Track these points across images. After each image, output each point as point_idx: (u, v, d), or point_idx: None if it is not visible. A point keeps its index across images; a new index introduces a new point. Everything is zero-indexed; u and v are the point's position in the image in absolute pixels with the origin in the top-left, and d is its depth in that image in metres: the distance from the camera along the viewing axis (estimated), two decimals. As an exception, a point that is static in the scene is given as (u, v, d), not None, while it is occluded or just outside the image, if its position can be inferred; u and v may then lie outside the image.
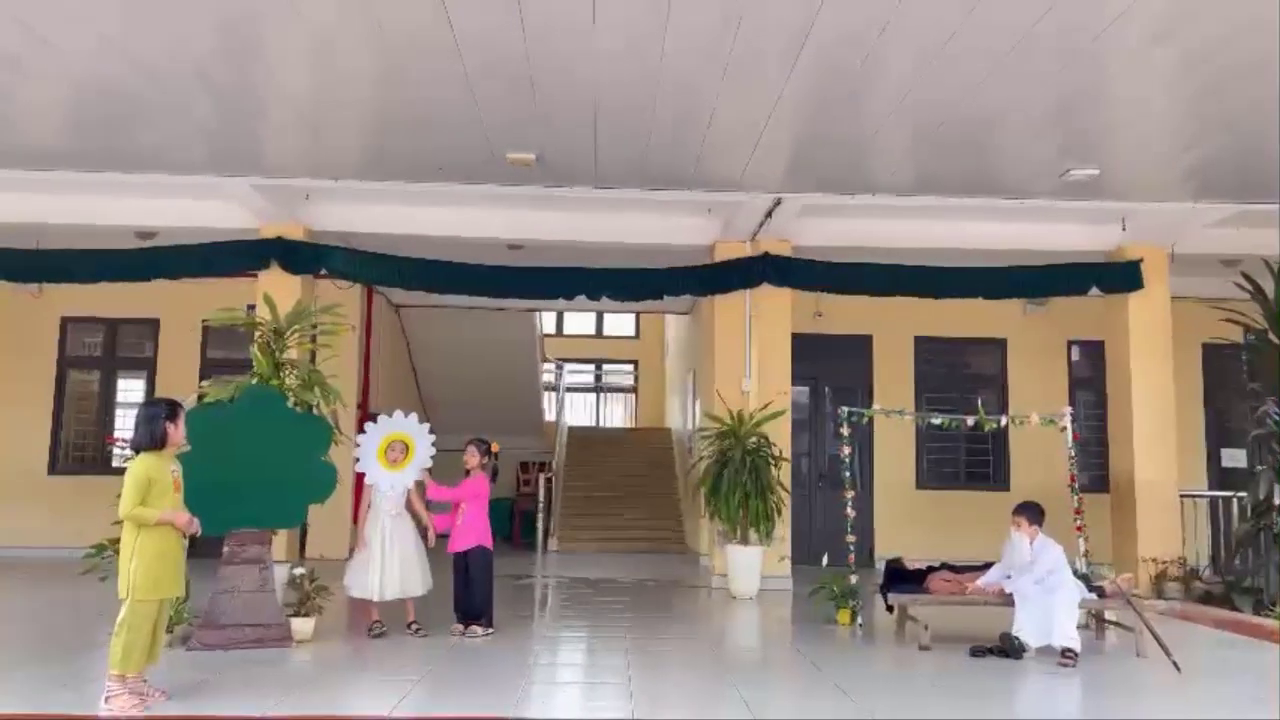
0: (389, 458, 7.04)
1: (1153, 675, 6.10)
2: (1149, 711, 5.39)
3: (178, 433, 5.02)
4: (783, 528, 9.70)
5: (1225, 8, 5.79)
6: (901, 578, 7.39)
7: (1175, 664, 6.08)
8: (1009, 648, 6.44)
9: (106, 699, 4.71)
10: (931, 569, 7.37)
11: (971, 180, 9.02)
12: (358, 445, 7.11)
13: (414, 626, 6.87)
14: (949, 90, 7.01)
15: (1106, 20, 5.94)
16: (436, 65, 6.72)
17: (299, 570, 6.95)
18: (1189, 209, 9.51)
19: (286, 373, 7.04)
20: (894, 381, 12.70)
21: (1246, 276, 9.39)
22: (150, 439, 4.94)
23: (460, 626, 6.94)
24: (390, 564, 6.83)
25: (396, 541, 6.89)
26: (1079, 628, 6.49)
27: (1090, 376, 12.73)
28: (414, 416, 7.30)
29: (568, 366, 19.84)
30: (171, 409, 5.04)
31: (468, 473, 7.26)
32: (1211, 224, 9.79)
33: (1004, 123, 7.64)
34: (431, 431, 7.33)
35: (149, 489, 4.82)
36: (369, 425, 7.22)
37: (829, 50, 6.40)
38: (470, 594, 6.99)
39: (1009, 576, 6.83)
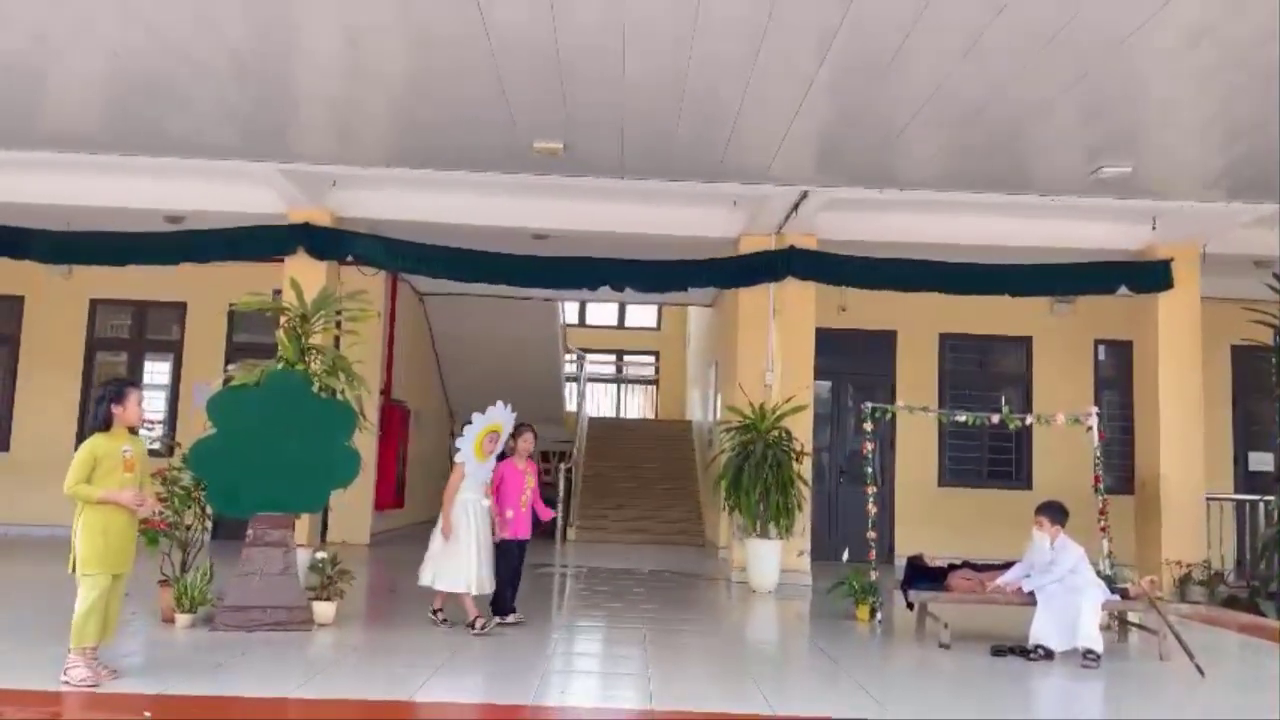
0: (485, 449, 6.74)
1: (1175, 678, 6.04)
2: (1171, 715, 5.34)
3: (126, 413, 5.02)
4: (803, 522, 9.68)
5: (1261, 7, 5.70)
6: (922, 575, 7.35)
7: (1199, 667, 6.02)
8: (1034, 656, 6.38)
9: (65, 671, 4.79)
10: (953, 566, 7.34)
11: (1001, 176, 8.94)
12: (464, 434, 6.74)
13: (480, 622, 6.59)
14: (980, 86, 6.95)
15: (1141, 18, 5.87)
16: (466, 53, 6.73)
17: (321, 555, 7.00)
18: (1221, 208, 9.39)
19: (311, 358, 7.08)
20: (918, 378, 12.64)
21: (1278, 278, 9.26)
22: (95, 421, 5.02)
23: (498, 619, 6.78)
24: (485, 557, 6.62)
25: (485, 534, 6.68)
26: (1101, 629, 6.44)
27: (1117, 376, 12.61)
28: (507, 407, 6.94)
29: (589, 357, 19.87)
30: (118, 390, 5.05)
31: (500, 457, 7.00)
32: (1244, 224, 9.65)
33: (1035, 119, 7.57)
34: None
35: (95, 467, 4.89)
36: (477, 415, 6.82)
37: (860, 42, 6.35)
38: (513, 584, 6.92)
39: (1028, 576, 6.78)
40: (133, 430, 5.11)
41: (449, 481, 6.71)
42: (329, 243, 10.12)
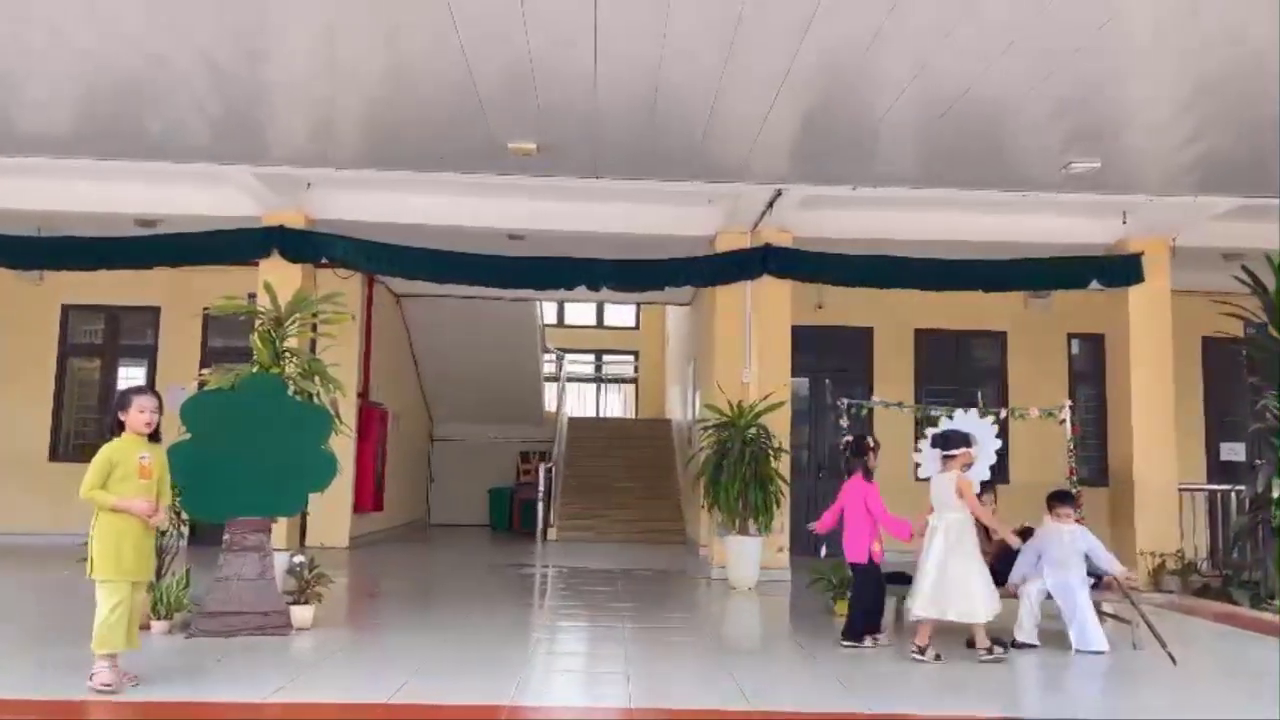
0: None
1: (1148, 668, 6.11)
2: (1144, 704, 5.41)
3: (131, 419, 5.01)
4: (782, 519, 9.72)
5: (1225, 3, 5.78)
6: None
7: (1171, 656, 6.09)
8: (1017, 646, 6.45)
9: (91, 677, 4.77)
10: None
11: (973, 173, 9.02)
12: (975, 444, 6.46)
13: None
14: (952, 82, 7.01)
15: (1111, 12, 5.93)
16: (439, 54, 6.71)
17: (299, 559, 6.96)
18: (1191, 202, 9.51)
19: (287, 361, 7.04)
20: (894, 373, 12.72)
21: (1247, 270, 9.36)
22: (105, 428, 5.11)
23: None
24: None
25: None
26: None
27: (1090, 370, 12.74)
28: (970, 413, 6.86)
29: (568, 357, 19.86)
30: (123, 398, 5.08)
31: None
32: (1213, 217, 9.78)
33: (1006, 115, 7.64)
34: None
35: (110, 472, 4.90)
36: (981, 424, 6.70)
37: (832, 39, 6.39)
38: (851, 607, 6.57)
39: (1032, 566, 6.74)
40: (153, 438, 5.09)
41: (973, 499, 6.16)
42: (303, 245, 10.07)
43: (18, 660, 5.52)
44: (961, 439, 6.40)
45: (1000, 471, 12.49)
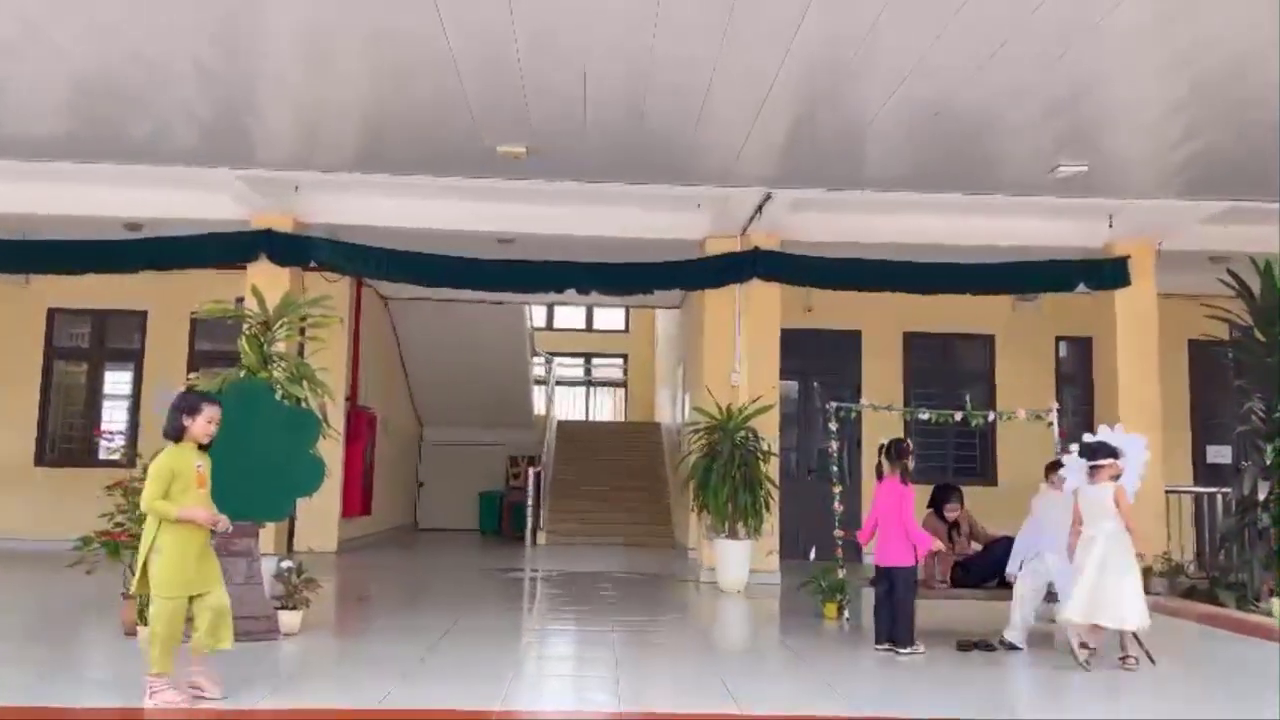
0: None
1: (1133, 669, 6.13)
2: (1129, 706, 5.42)
3: (196, 426, 4.82)
4: (771, 522, 9.73)
5: (1218, 4, 5.82)
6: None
7: (1148, 654, 6.07)
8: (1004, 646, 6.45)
9: (151, 694, 4.62)
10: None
11: (961, 176, 9.05)
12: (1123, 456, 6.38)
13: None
14: (939, 86, 7.04)
15: (1099, 15, 5.97)
16: (427, 57, 6.71)
17: (286, 563, 6.92)
18: (1177, 205, 9.56)
19: (274, 365, 7.01)
20: (883, 376, 12.74)
21: (1233, 274, 9.42)
22: (167, 431, 4.84)
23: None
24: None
25: None
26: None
27: (1077, 373, 12.78)
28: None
29: (557, 360, 19.84)
30: (192, 404, 4.86)
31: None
32: (1200, 220, 9.83)
33: (993, 119, 7.67)
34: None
35: (171, 482, 4.68)
36: (1131, 438, 6.60)
37: (820, 43, 6.41)
38: (891, 614, 6.48)
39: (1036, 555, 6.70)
40: (202, 446, 4.90)
41: (1129, 509, 6.15)
42: (291, 249, 10.04)
43: (16, 663, 5.48)
44: (1109, 450, 6.36)
45: (989, 472, 12.64)
